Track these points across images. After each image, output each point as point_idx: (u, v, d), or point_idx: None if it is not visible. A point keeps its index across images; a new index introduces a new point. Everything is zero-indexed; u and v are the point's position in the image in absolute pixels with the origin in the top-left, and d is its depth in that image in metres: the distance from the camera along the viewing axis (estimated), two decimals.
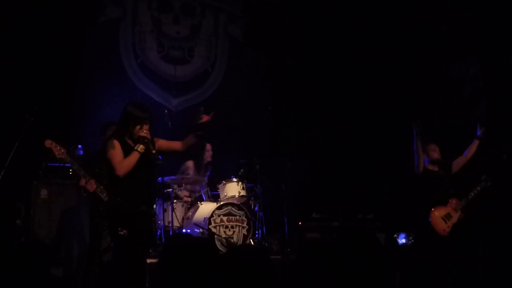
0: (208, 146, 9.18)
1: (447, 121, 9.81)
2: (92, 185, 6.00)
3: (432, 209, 8.10)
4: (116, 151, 5.82)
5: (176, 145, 6.32)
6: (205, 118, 6.25)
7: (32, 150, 7.08)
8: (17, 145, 6.77)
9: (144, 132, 5.88)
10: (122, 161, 5.78)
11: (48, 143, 5.98)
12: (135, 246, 5.85)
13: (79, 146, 7.88)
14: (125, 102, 6.30)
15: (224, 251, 7.85)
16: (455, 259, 7.76)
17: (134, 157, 5.82)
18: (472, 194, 8.29)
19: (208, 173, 9.24)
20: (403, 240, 8.77)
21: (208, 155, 9.18)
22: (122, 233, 5.81)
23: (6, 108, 8.39)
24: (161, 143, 6.19)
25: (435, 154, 8.26)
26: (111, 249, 6.26)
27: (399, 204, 9.62)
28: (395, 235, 8.76)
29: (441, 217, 8.14)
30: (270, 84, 10.43)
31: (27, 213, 7.73)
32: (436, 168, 8.28)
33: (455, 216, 8.18)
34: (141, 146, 5.86)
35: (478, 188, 8.31)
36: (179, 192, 8.95)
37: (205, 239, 6.18)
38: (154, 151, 6.01)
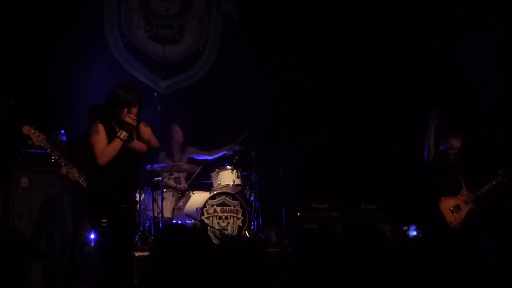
0: (175, 127, 9.13)
1: (456, 105, 9.79)
2: (74, 174, 5.99)
3: (442, 198, 8.11)
4: (100, 136, 5.80)
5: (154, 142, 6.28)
6: None
7: (11, 135, 7.06)
8: None
9: (131, 117, 5.85)
10: (103, 149, 5.76)
11: (26, 129, 5.97)
12: (118, 236, 5.83)
13: (62, 131, 7.85)
14: (110, 84, 6.27)
15: (217, 243, 7.84)
16: (466, 253, 7.83)
17: (116, 145, 5.80)
18: (486, 187, 8.24)
19: (188, 156, 9.21)
20: (414, 233, 8.79)
21: (177, 136, 9.12)
22: (104, 223, 5.80)
23: None
24: (146, 132, 6.15)
25: (457, 144, 8.23)
26: (93, 240, 6.26)
27: (404, 194, 9.62)
28: (405, 228, 8.77)
29: (449, 209, 8.15)
30: (267, 65, 10.41)
31: (6, 203, 7.70)
32: (450, 157, 8.26)
33: (465, 209, 8.17)
34: (124, 133, 5.83)
35: (493, 182, 8.24)
36: (169, 181, 8.93)
37: (199, 229, 6.14)
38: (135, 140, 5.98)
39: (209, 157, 9.24)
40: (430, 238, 8.34)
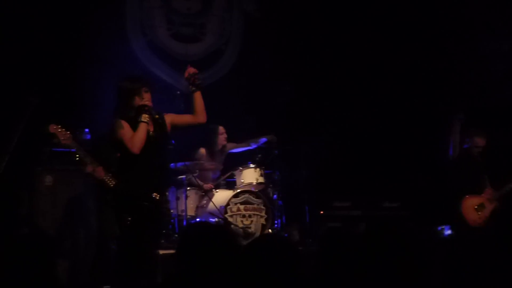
0: (221, 129, 9.10)
1: (477, 104, 9.71)
2: (100, 172, 6.02)
3: (466, 196, 8.07)
4: (125, 130, 5.81)
5: (187, 117, 6.30)
6: (187, 71, 6.32)
7: (35, 134, 7.11)
8: (20, 129, 6.81)
9: (144, 100, 5.88)
10: (132, 137, 5.78)
11: (52, 127, 6.00)
12: (143, 236, 5.85)
13: (86, 130, 7.89)
14: None
15: (241, 241, 7.87)
16: (492, 252, 7.77)
17: (142, 129, 5.80)
18: (510, 186, 8.21)
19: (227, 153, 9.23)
20: (449, 232, 8.74)
21: (222, 138, 9.09)
22: (128, 221, 5.83)
23: (8, 89, 8.42)
24: (173, 118, 6.18)
25: (481, 142, 8.18)
26: (120, 238, 6.29)
27: (428, 192, 9.58)
28: (439, 228, 8.72)
29: (474, 207, 8.11)
30: (289, 63, 10.40)
31: (30, 201, 7.75)
32: (474, 155, 8.22)
33: (489, 207, 8.13)
34: (144, 115, 5.84)
35: None
36: (194, 179, 8.92)
37: (225, 227, 6.17)
38: (157, 116, 6.00)
39: (250, 147, 9.20)
40: (457, 237, 8.31)
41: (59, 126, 6.00)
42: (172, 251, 7.16)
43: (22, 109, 7.00)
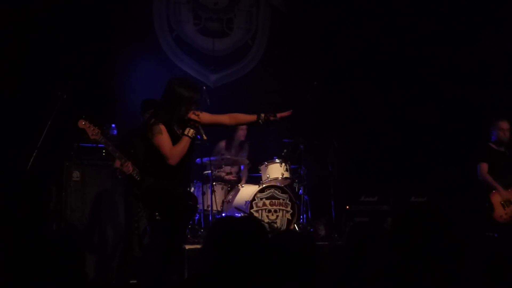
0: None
1: (509, 98, 9.65)
2: (128, 167, 6.06)
3: (493, 192, 8.03)
4: (164, 137, 5.76)
5: (223, 118, 6.21)
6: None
7: (63, 129, 7.17)
8: (49, 124, 6.88)
9: (194, 114, 5.84)
10: (173, 149, 5.75)
11: (81, 123, 6.04)
12: (172, 231, 5.88)
13: (113, 125, 7.92)
14: (160, 78, 6.29)
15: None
16: None
17: (185, 144, 5.78)
18: None
19: (244, 154, 9.25)
20: None
21: (241, 134, 9.16)
22: (157, 216, 5.87)
23: (37, 84, 8.49)
24: (211, 118, 6.09)
25: (505, 133, 8.14)
26: (148, 232, 6.33)
27: (455, 187, 9.54)
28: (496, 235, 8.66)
29: (500, 202, 8.07)
30: (316, 58, 10.39)
31: (58, 196, 7.82)
32: (502, 148, 8.18)
33: None
34: (192, 130, 5.82)
35: None
36: (218, 174, 8.98)
37: (253, 220, 6.21)
38: (205, 137, 5.99)
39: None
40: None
41: (88, 122, 6.04)
42: (198, 246, 7.22)
43: (51, 104, 7.08)
